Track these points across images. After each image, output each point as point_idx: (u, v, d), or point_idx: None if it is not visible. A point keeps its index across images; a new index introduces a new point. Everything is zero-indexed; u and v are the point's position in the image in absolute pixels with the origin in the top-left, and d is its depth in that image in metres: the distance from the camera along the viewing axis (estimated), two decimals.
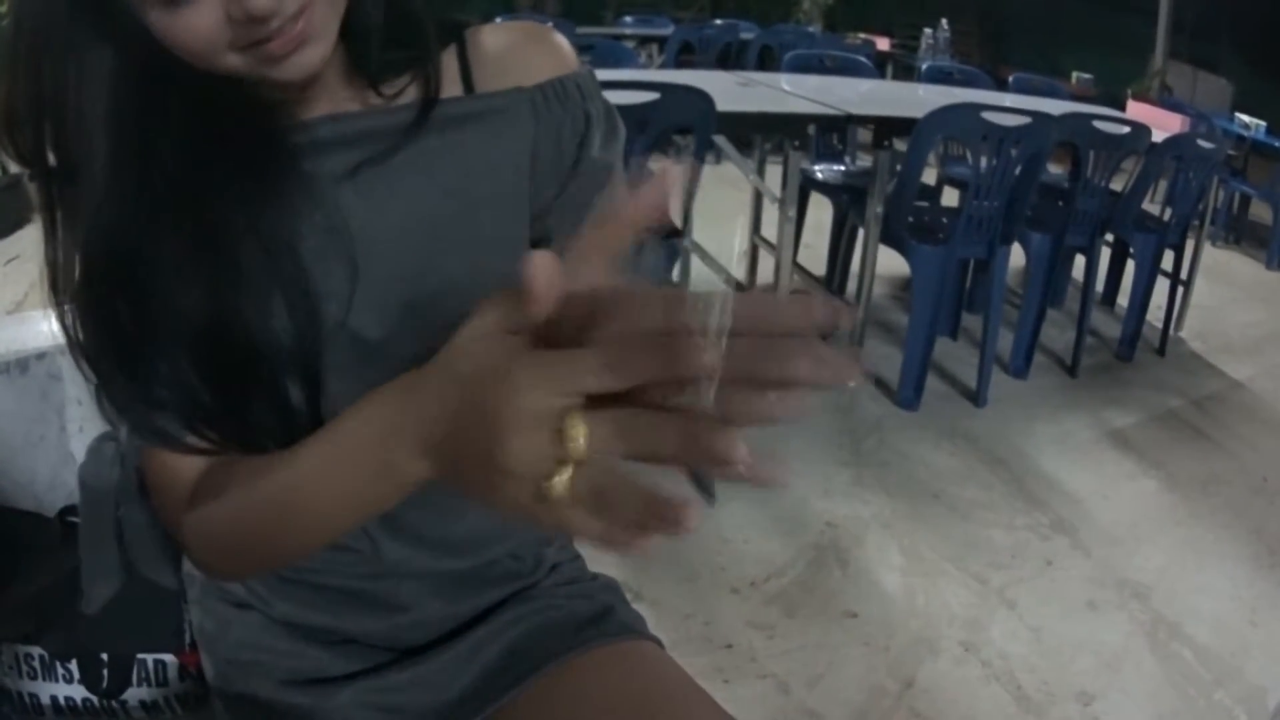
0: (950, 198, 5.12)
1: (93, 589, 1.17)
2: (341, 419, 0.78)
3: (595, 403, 0.57)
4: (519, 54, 1.04)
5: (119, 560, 1.18)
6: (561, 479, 0.58)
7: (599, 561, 1.33)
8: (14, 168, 0.87)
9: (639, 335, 0.55)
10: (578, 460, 0.57)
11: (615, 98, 1.11)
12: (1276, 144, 7.69)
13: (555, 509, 0.59)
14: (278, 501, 0.84)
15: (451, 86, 1.00)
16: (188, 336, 0.86)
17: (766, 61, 8.23)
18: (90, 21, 0.80)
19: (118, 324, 0.86)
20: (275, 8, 0.77)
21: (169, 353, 0.86)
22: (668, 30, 9.40)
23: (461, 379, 0.64)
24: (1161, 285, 5.06)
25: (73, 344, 0.87)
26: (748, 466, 0.53)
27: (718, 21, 10.04)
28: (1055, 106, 4.57)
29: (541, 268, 0.57)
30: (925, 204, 4.70)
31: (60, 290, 0.87)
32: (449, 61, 1.01)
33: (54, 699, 1.29)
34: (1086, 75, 9.64)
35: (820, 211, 4.96)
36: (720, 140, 4.18)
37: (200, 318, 0.86)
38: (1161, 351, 5.17)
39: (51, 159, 0.85)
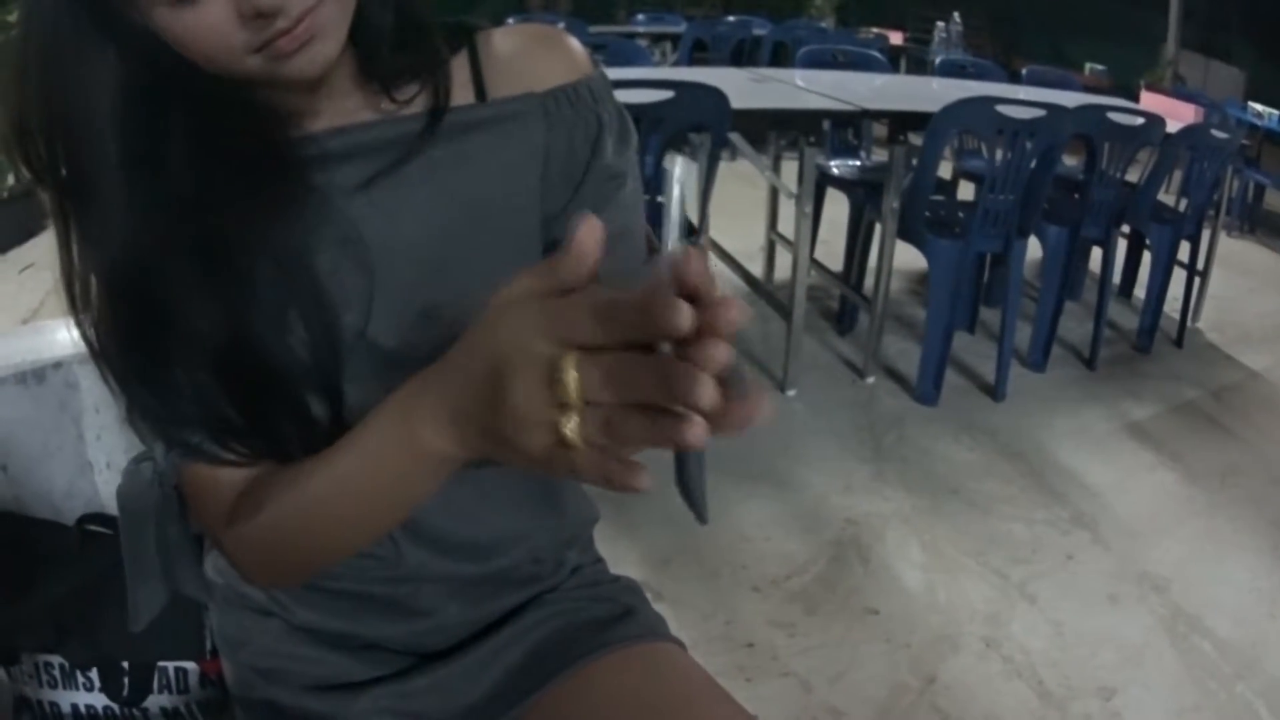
0: (966, 191, 5.10)
1: (138, 607, 1.17)
2: (374, 412, 0.81)
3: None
4: (530, 58, 1.04)
5: (163, 578, 1.19)
6: (572, 423, 0.62)
7: (620, 563, 1.33)
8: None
9: (628, 300, 0.59)
10: (570, 403, 0.61)
11: (630, 97, 1.11)
12: None
13: (570, 455, 0.63)
14: (321, 499, 0.86)
15: (463, 92, 1.00)
16: (207, 355, 0.87)
17: (780, 57, 8.24)
18: (99, 34, 0.80)
19: (137, 343, 0.87)
20: (282, 3, 0.77)
21: (190, 370, 0.87)
22: (680, 28, 9.37)
23: (480, 341, 0.69)
24: (1178, 276, 5.05)
25: (98, 358, 0.89)
26: (718, 408, 0.58)
27: (730, 18, 10.02)
28: (1069, 99, 4.55)
29: (590, 230, 0.63)
30: (941, 198, 4.69)
31: (79, 307, 0.87)
32: (460, 67, 1.01)
33: (74, 707, 1.30)
34: (1099, 66, 9.63)
35: (836, 207, 4.95)
36: (735, 137, 4.18)
37: (217, 337, 0.86)
38: (1179, 343, 5.16)
39: (64, 173, 0.85)
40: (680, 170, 0.62)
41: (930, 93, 4.94)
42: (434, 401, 0.74)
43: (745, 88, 4.62)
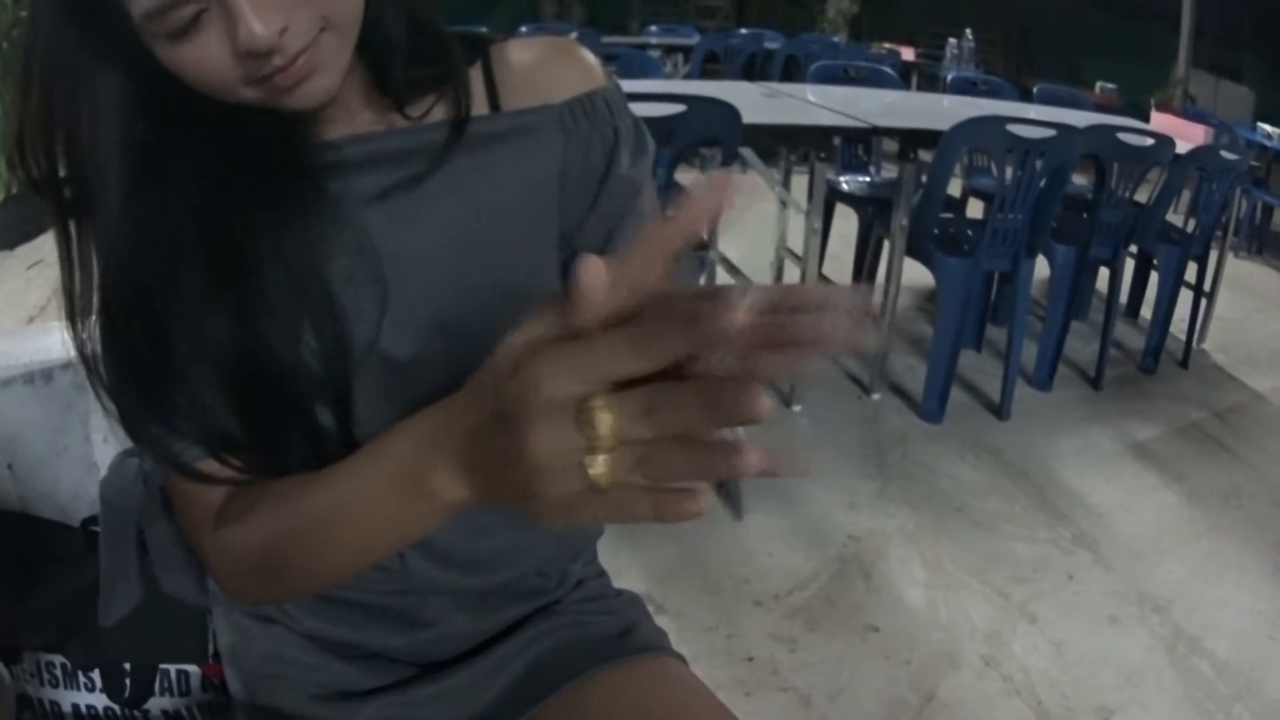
0: (975, 209, 5.11)
1: (110, 603, 1.16)
2: (379, 441, 0.78)
3: (619, 387, 0.56)
4: (546, 70, 1.03)
5: (139, 576, 1.17)
6: (599, 464, 0.57)
7: (623, 574, 1.34)
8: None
9: (664, 320, 0.54)
10: (607, 446, 0.56)
11: (642, 110, 1.10)
12: None
13: (603, 498, 0.58)
14: (312, 525, 0.84)
15: (478, 104, 0.99)
16: (214, 366, 0.85)
17: (792, 71, 8.25)
18: (102, 50, 0.80)
19: (138, 356, 0.85)
20: (274, 43, 0.76)
21: (193, 384, 0.85)
22: (693, 40, 9.36)
23: (492, 386, 0.63)
24: (1185, 297, 5.06)
25: (92, 372, 0.87)
26: (771, 456, 0.54)
27: (742, 31, 10.02)
28: (1079, 118, 4.55)
29: (593, 273, 0.55)
30: (950, 216, 4.70)
31: (78, 319, 0.86)
32: (474, 79, 1.00)
33: (75, 707, 1.30)
34: (1110, 85, 9.61)
35: (846, 223, 4.96)
36: (746, 152, 4.19)
37: (227, 347, 0.85)
38: (1184, 364, 5.15)
39: (65, 187, 0.84)
40: None
41: (941, 110, 4.95)
42: (445, 455, 0.70)
43: (756, 102, 4.63)
